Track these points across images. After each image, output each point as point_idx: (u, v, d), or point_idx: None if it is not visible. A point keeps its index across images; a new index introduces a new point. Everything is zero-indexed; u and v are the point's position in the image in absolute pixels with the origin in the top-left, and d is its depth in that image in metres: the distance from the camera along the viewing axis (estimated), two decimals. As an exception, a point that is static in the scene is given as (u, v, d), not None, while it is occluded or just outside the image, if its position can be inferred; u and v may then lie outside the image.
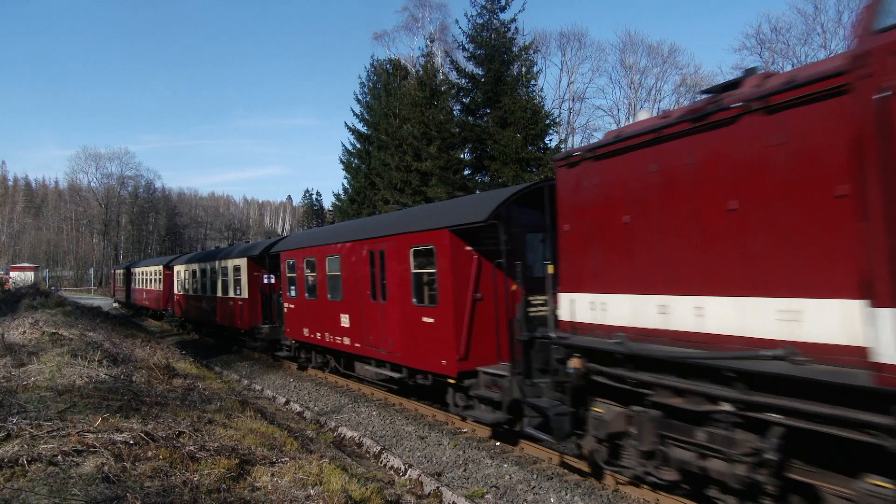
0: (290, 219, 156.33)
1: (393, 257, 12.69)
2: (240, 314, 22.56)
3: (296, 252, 18.04)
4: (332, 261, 15.66)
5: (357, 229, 15.24)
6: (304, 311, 17.51)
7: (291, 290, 18.42)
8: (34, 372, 10.87)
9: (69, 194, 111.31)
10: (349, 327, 14.71)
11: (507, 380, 9.81)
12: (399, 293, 12.42)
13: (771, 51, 42.22)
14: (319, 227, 25.88)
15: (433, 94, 33.24)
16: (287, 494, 6.21)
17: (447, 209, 12.30)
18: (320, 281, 16.23)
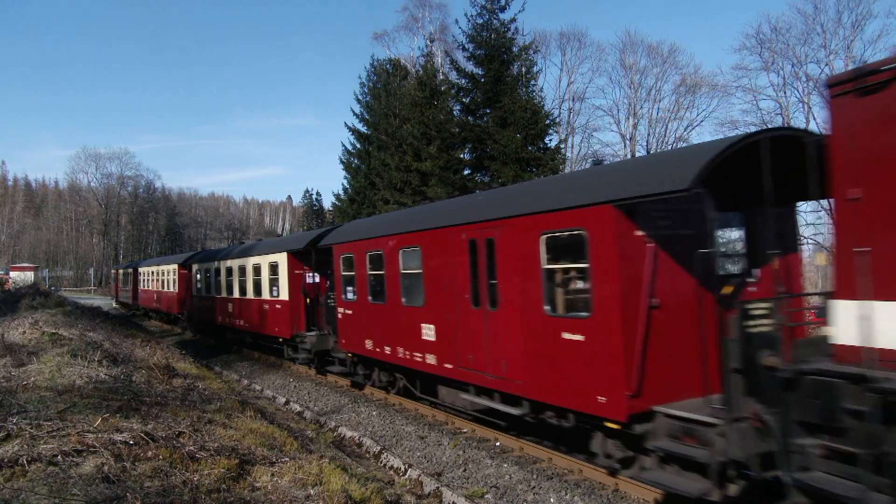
0: (290, 219, 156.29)
1: (510, 247, 9.27)
2: (278, 320, 19.31)
3: (355, 244, 14.53)
4: (408, 254, 12.32)
5: (449, 211, 11.80)
6: (367, 318, 14.06)
7: (348, 293, 15.02)
8: (34, 372, 10.87)
9: (69, 194, 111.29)
10: (434, 342, 11.37)
11: (720, 429, 6.54)
12: (521, 298, 9.06)
13: (771, 51, 42.18)
14: (386, 213, 20.52)
15: (433, 94, 33.23)
16: (287, 494, 6.21)
17: (600, 176, 8.67)
18: (391, 280, 12.91)
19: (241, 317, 22.44)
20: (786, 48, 41.25)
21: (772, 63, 41.72)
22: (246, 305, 21.83)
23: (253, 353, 23.55)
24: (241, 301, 22.23)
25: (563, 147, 37.30)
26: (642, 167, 8.50)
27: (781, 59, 41.33)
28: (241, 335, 23.72)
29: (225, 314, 24.16)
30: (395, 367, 13.76)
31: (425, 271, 11.65)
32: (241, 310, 22.35)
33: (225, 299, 24.05)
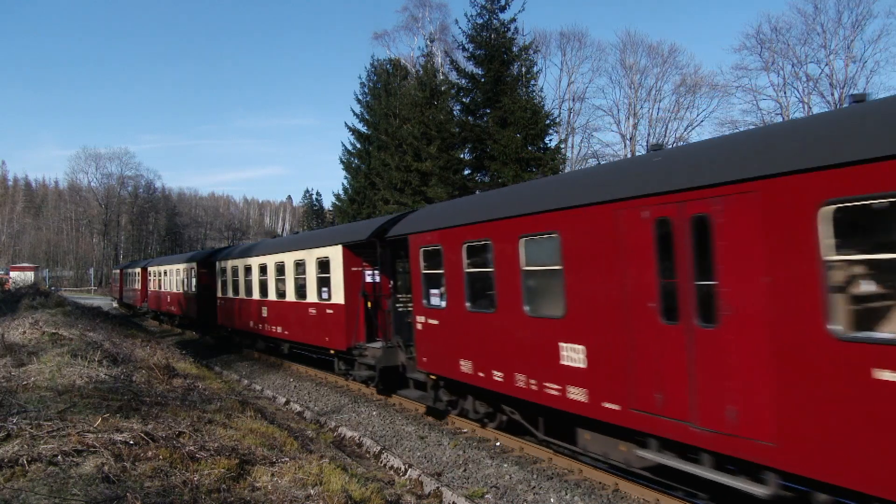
0: (290, 219, 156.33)
1: (748, 228, 5.98)
2: (330, 328, 15.83)
3: (446, 233, 11.03)
4: (537, 244, 8.86)
5: (610, 179, 8.07)
6: (463, 331, 10.64)
7: (432, 297, 11.73)
8: (34, 372, 10.87)
9: (69, 194, 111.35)
10: (585, 370, 7.96)
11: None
12: (771, 308, 5.80)
13: (771, 51, 42.18)
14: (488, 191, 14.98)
15: (433, 94, 33.23)
16: (287, 494, 6.21)
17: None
18: (506, 280, 9.38)
19: (278, 322, 19.26)
20: (786, 48, 41.30)
21: (772, 63, 41.78)
22: (285, 310, 18.64)
23: (252, 352, 23.54)
24: (279, 304, 19.13)
25: (563, 147, 37.31)
26: None
27: (781, 59, 41.39)
28: (276, 344, 20.69)
29: (257, 319, 20.85)
30: (503, 398, 10.26)
31: (568, 267, 8.11)
32: (278, 315, 19.24)
33: (257, 302, 20.78)
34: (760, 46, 42.65)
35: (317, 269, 16.55)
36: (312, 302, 16.80)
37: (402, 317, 13.85)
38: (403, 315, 13.76)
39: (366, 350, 14.71)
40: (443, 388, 11.96)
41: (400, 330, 13.77)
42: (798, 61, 41.15)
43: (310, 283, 16.93)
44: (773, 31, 42.37)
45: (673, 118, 53.34)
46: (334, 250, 15.57)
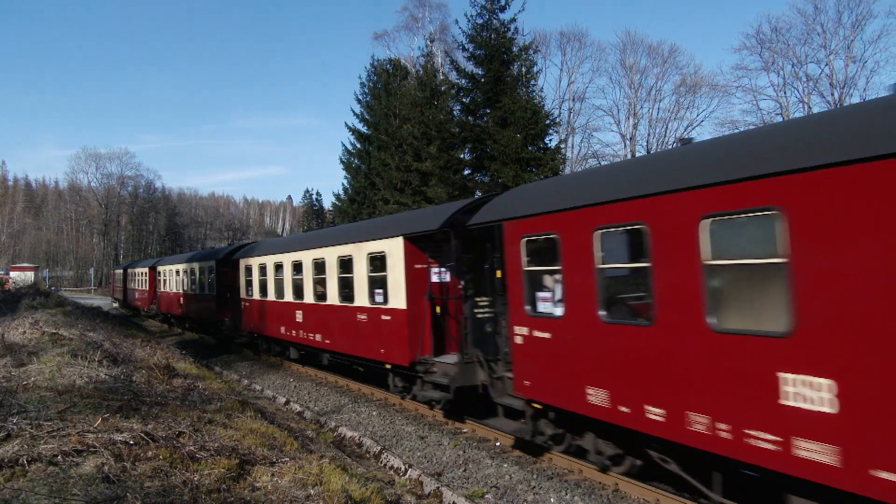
0: (290, 219, 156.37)
1: None
2: (387, 338, 13.14)
3: (564, 217, 8.38)
4: (729, 228, 6.24)
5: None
6: (591, 347, 7.96)
7: (541, 302, 9.20)
8: (34, 372, 10.87)
9: (69, 194, 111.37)
10: (836, 414, 5.18)
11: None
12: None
13: (771, 51, 42.19)
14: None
15: (433, 94, 33.25)
16: (287, 494, 6.21)
17: None
18: (670, 280, 6.75)
19: (316, 329, 16.62)
20: (786, 48, 41.31)
21: (772, 63, 41.79)
22: (326, 315, 15.96)
23: (252, 352, 23.49)
24: (319, 308, 16.40)
25: (563, 147, 37.33)
26: None
27: (781, 59, 41.40)
28: (313, 353, 17.93)
29: (290, 325, 18.21)
30: (660, 444, 7.36)
31: (800, 259, 5.40)
32: (317, 320, 16.56)
33: (290, 305, 18.19)
34: (760, 46, 42.69)
35: (368, 267, 13.84)
36: (362, 306, 14.06)
37: (481, 325, 11.46)
38: (483, 323, 11.48)
39: (434, 365, 12.06)
40: (549, 419, 9.27)
41: (480, 342, 11.23)
42: (798, 61, 41.18)
43: (359, 283, 14.24)
44: (773, 31, 42.42)
45: (673, 118, 53.41)
46: (393, 244, 12.73)
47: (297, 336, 17.92)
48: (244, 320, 22.44)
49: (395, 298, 12.80)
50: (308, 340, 17.25)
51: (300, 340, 17.85)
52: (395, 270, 12.71)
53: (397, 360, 12.86)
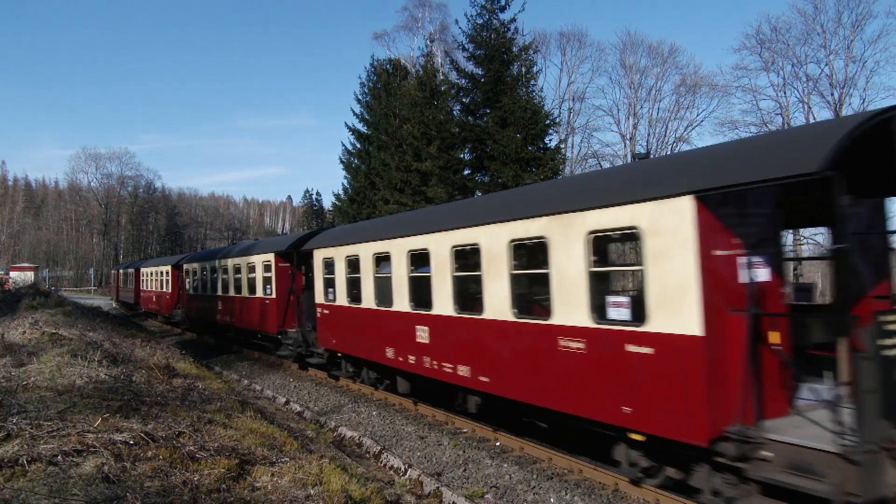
0: (290, 219, 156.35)
1: None
2: (639, 386, 7.27)
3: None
4: None
5: None
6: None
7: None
8: (34, 372, 10.87)
9: (69, 194, 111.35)
10: None
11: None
12: None
13: (771, 51, 42.18)
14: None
15: (433, 94, 33.25)
16: (287, 494, 6.21)
17: None
18: None
19: (459, 356, 10.81)
20: (786, 48, 41.28)
21: (772, 63, 41.75)
22: (483, 335, 10.15)
23: (253, 352, 23.39)
24: (465, 324, 10.63)
25: (563, 147, 37.31)
26: None
27: (781, 59, 41.37)
28: (452, 391, 11.83)
29: (404, 345, 12.57)
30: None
31: None
32: (461, 342, 10.79)
33: (404, 317, 12.49)
34: (760, 46, 42.62)
35: (588, 258, 7.99)
36: (576, 326, 8.12)
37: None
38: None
39: (770, 447, 6.31)
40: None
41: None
42: (798, 61, 41.14)
43: (564, 284, 8.33)
44: (773, 31, 42.34)
45: (673, 118, 53.36)
46: (661, 210, 6.95)
47: (417, 363, 12.05)
48: (321, 334, 16.84)
49: (667, 314, 6.86)
50: (438, 372, 11.36)
51: (422, 370, 11.94)
52: (671, 260, 6.83)
53: (673, 433, 6.90)
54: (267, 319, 19.89)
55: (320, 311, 16.78)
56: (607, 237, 8.07)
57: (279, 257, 19.35)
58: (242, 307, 21.90)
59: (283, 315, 19.27)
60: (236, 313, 22.47)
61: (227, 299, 23.57)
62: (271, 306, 19.58)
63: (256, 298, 20.67)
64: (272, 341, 20.55)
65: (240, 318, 22.26)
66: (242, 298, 21.96)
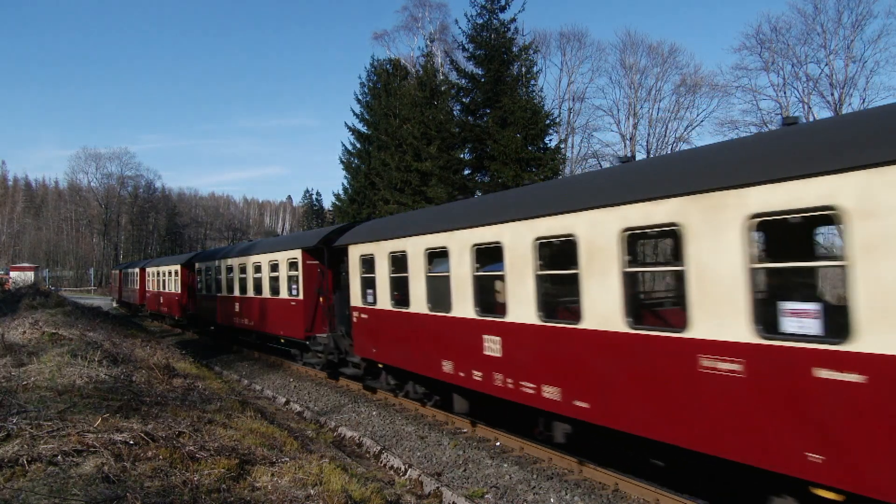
0: (290, 219, 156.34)
1: None
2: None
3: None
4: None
5: None
6: None
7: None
8: (34, 372, 10.87)
9: (69, 194, 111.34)
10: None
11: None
12: None
13: (771, 51, 42.19)
14: None
15: (433, 94, 33.24)
16: (287, 494, 6.21)
17: None
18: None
19: (550, 375, 8.60)
20: (786, 48, 41.30)
21: (772, 63, 41.78)
22: (598, 350, 7.75)
23: (253, 352, 23.40)
24: (569, 337, 8.25)
25: (563, 147, 37.30)
26: None
27: (781, 59, 41.39)
28: (522, 413, 9.96)
29: (466, 357, 10.47)
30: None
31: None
32: (560, 357, 8.41)
33: (467, 324, 10.37)
34: (760, 46, 42.65)
35: (748, 246, 6.06)
36: (737, 342, 6.13)
37: None
38: None
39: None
40: None
41: None
42: (798, 61, 41.16)
43: (718, 286, 6.31)
44: (773, 31, 42.38)
45: (673, 118, 53.37)
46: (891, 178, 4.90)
47: (485, 380, 9.97)
48: (358, 341, 14.68)
49: (891, 328, 5.05)
50: (514, 392, 9.31)
51: (488, 389, 9.91)
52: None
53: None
54: (293, 323, 17.70)
55: (356, 315, 14.48)
56: (780, 223, 6.01)
57: (307, 254, 17.20)
58: (265, 309, 19.73)
59: (312, 318, 17.22)
60: (257, 316, 20.28)
61: (245, 301, 21.36)
62: (298, 309, 17.48)
63: (281, 300, 18.54)
64: (298, 347, 18.78)
65: (261, 322, 20.06)
66: (264, 300, 19.79)
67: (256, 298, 20.58)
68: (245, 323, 21.74)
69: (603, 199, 7.61)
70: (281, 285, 18.67)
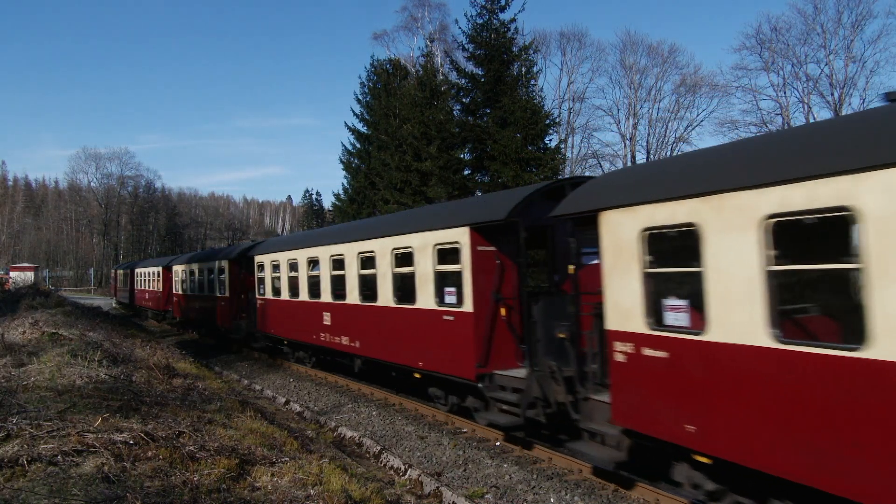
0: (290, 219, 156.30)
1: None
2: None
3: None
4: None
5: None
6: None
7: None
8: (34, 372, 10.87)
9: (69, 194, 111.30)
10: None
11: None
12: None
13: (771, 51, 42.20)
14: None
15: (433, 94, 33.23)
16: (287, 494, 6.21)
17: None
18: None
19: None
20: (786, 48, 41.33)
21: (772, 63, 41.81)
22: None
23: (253, 352, 23.42)
24: None
25: (563, 147, 37.32)
26: None
27: (781, 59, 41.42)
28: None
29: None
30: None
31: None
32: None
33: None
34: (760, 46, 42.69)
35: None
36: None
37: None
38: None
39: None
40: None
41: None
42: (798, 61, 41.19)
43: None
44: (773, 31, 42.42)
45: (673, 118, 53.42)
46: None
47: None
48: (630, 398, 7.68)
49: None
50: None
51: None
52: None
53: None
54: (452, 351, 10.99)
55: (625, 350, 7.38)
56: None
57: (477, 235, 10.53)
58: (384, 325, 13.16)
59: (486, 343, 10.51)
60: (367, 334, 13.81)
61: (346, 310, 14.76)
62: (462, 327, 10.74)
63: (424, 311, 11.75)
64: (454, 390, 12.08)
65: (377, 343, 13.45)
66: (385, 309, 13.06)
67: (366, 307, 13.95)
68: (339, 342, 15.26)
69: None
70: (421, 286, 11.88)
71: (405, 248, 12.47)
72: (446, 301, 11.38)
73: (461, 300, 10.89)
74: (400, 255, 12.74)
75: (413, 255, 12.18)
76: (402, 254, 12.62)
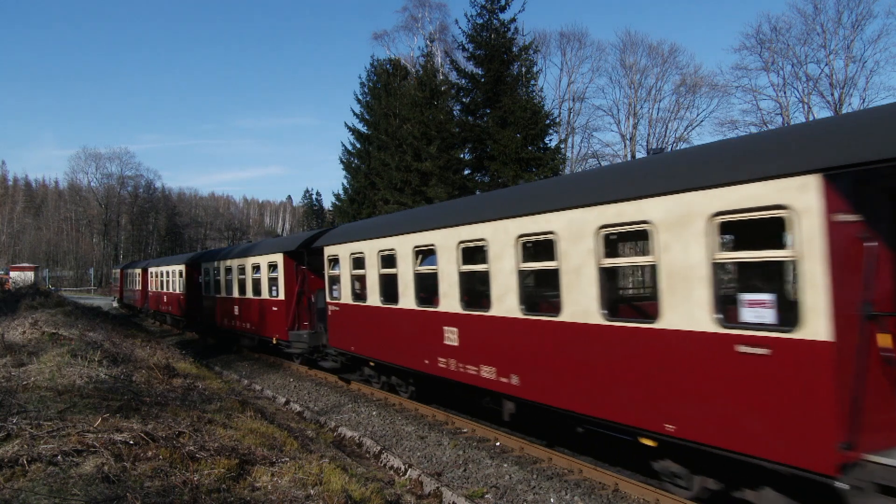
0: (290, 219, 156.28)
1: None
2: None
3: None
4: None
5: None
6: None
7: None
8: (34, 372, 10.87)
9: (69, 194, 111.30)
10: None
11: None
12: None
13: (771, 51, 42.21)
14: None
15: (433, 94, 33.23)
16: (287, 494, 6.21)
17: None
18: None
19: None
20: (786, 48, 41.33)
21: (772, 63, 41.81)
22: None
23: (253, 352, 23.43)
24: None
25: (563, 147, 37.31)
26: None
27: (781, 59, 41.41)
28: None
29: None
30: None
31: None
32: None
33: None
34: (760, 46, 42.70)
35: None
36: None
37: None
38: None
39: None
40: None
41: None
42: (798, 61, 41.19)
43: None
44: (773, 31, 42.42)
45: (673, 118, 53.42)
46: None
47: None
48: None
49: None
50: None
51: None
52: None
53: None
54: (766, 415, 5.82)
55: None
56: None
57: (835, 194, 5.42)
58: (574, 355, 8.22)
59: (853, 402, 5.33)
60: (535, 365, 9.02)
61: (492, 325, 9.91)
62: (798, 373, 5.58)
63: (683, 336, 6.61)
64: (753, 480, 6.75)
65: (558, 381, 8.55)
66: (580, 329, 8.04)
67: (535, 322, 9.18)
68: (479, 374, 10.33)
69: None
70: (678, 291, 6.80)
71: (636, 223, 7.11)
72: (745, 318, 6.14)
73: (796, 317, 5.59)
74: (617, 237, 7.98)
75: (654, 234, 6.87)
76: (627, 232, 7.47)
